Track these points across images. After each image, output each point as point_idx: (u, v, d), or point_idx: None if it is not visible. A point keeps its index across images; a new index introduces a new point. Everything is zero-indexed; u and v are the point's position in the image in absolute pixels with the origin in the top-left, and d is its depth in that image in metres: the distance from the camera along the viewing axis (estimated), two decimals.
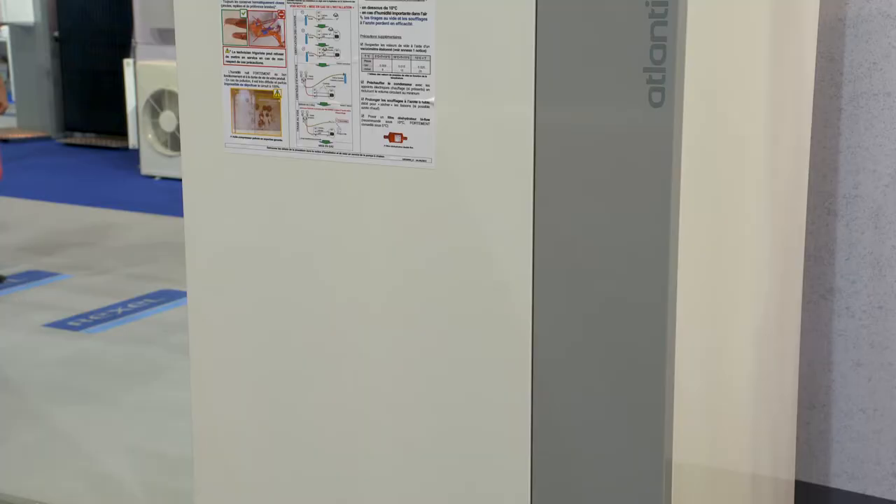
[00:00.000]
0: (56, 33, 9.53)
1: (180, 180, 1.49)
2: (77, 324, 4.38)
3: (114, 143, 8.90)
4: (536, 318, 1.33)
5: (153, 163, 7.31)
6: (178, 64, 1.49)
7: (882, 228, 1.90)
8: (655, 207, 1.25)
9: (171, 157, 7.33)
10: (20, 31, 9.84)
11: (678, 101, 1.22)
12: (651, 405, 1.28)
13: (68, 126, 9.68)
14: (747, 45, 1.48)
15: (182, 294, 4.83)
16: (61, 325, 4.37)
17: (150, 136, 7.41)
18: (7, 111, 5.23)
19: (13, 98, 10.44)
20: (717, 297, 1.46)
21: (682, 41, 1.21)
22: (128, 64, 7.37)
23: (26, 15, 9.66)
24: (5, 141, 9.64)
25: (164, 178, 7.38)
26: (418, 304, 1.39)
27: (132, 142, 8.26)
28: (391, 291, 1.40)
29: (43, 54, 9.66)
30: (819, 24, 1.85)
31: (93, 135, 9.28)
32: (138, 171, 7.75)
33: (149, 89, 6.61)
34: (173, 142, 7.34)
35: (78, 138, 9.43)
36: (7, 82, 6.14)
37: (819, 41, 1.86)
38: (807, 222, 1.95)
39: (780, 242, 1.74)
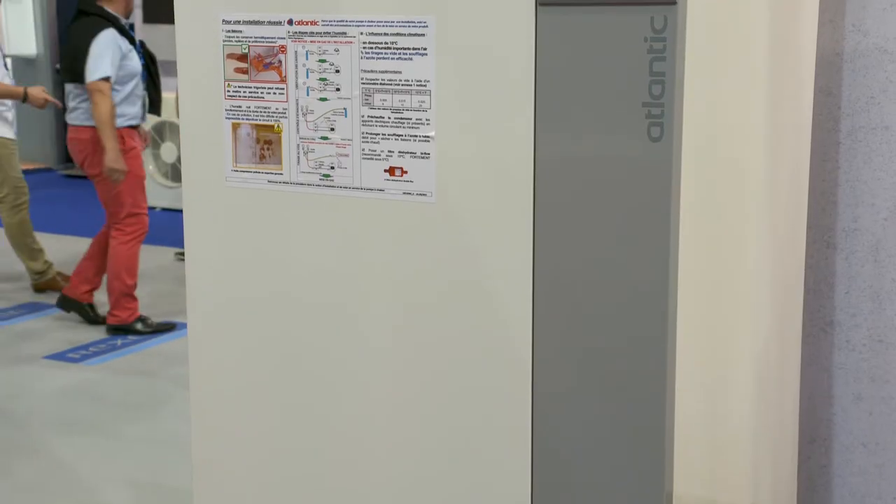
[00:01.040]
0: (58, 65, 9.58)
1: (181, 211, 1.50)
2: (77, 355, 4.37)
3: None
4: (536, 352, 1.33)
5: (154, 194, 7.32)
6: (179, 98, 1.50)
7: (881, 262, 1.91)
8: (655, 241, 1.25)
9: (171, 188, 7.35)
10: (22, 64, 9.90)
11: (677, 136, 1.23)
12: (651, 438, 1.28)
13: (69, 157, 9.70)
14: (745, 80, 1.49)
15: (182, 325, 4.82)
16: (61, 356, 4.36)
17: (151, 167, 7.43)
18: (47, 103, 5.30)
19: (14, 130, 10.46)
20: (717, 330, 1.47)
21: (681, 77, 1.22)
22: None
23: (29, 47, 9.72)
24: None
25: (164, 209, 7.39)
26: (418, 337, 1.39)
27: None
28: (392, 325, 1.41)
29: (45, 86, 9.71)
30: (816, 59, 1.86)
31: None
32: None
33: (150, 121, 6.64)
34: (174, 173, 7.36)
35: (79, 170, 9.45)
36: (9, 113, 6.18)
37: (817, 75, 1.87)
38: (806, 255, 1.95)
39: (780, 275, 1.74)
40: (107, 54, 4.54)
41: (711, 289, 1.42)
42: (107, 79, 4.50)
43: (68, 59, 4.75)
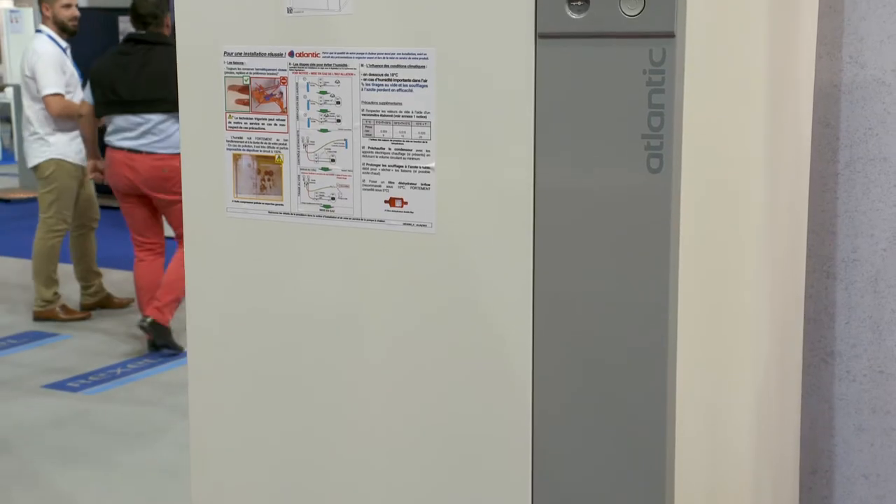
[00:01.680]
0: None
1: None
2: (76, 384, 4.37)
3: (115, 203, 8.95)
4: (536, 383, 1.33)
5: None
6: (181, 129, 1.51)
7: (881, 292, 1.91)
8: (655, 271, 1.25)
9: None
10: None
11: (676, 168, 1.24)
12: (651, 467, 1.28)
13: None
14: (745, 112, 1.50)
15: (182, 354, 4.82)
16: (61, 386, 4.36)
17: None
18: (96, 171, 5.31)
19: (15, 158, 10.51)
20: (716, 360, 1.47)
21: (680, 108, 1.23)
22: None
23: None
24: (7, 201, 9.69)
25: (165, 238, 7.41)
26: (419, 369, 1.39)
27: None
28: (393, 356, 1.41)
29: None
30: (815, 91, 1.87)
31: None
32: None
33: None
34: None
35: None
36: (11, 143, 6.18)
37: (815, 107, 1.89)
38: (806, 285, 1.96)
39: (780, 305, 1.74)
40: None
41: (711, 319, 1.42)
42: None
43: (151, 90, 4.73)
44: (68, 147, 5.38)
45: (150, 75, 4.75)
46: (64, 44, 5.39)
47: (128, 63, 4.83)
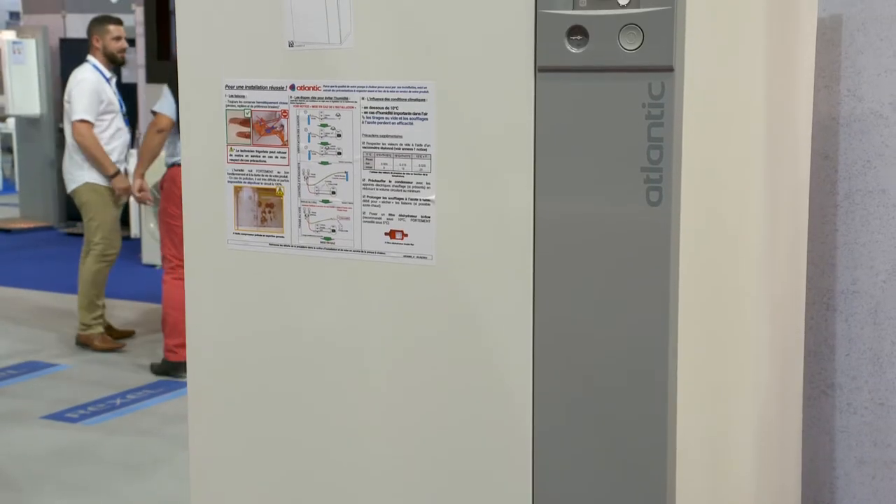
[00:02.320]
0: (61, 124, 9.65)
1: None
2: (75, 415, 4.35)
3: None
4: (537, 412, 1.33)
5: (154, 252, 7.35)
6: (182, 161, 1.51)
7: (881, 324, 1.91)
8: (655, 303, 1.26)
9: None
10: (26, 123, 9.98)
11: (676, 200, 1.24)
12: (652, 497, 1.27)
13: (71, 216, 9.74)
14: (743, 144, 1.51)
15: (181, 385, 4.81)
16: (59, 416, 4.34)
17: (151, 225, 7.47)
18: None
19: (16, 188, 10.53)
20: (716, 391, 1.46)
21: (679, 142, 1.23)
22: (132, 154, 7.47)
23: (33, 107, 9.81)
24: (7, 231, 9.70)
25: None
26: (419, 398, 1.39)
27: (133, 231, 8.32)
28: (392, 387, 1.40)
29: (48, 145, 9.78)
30: (813, 123, 1.88)
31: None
32: (139, 260, 7.78)
33: (151, 179, 6.68)
34: None
35: (80, 227, 9.47)
36: (12, 173, 6.21)
37: (814, 139, 1.89)
38: (806, 317, 1.96)
39: (780, 337, 1.74)
40: None
41: (711, 350, 1.42)
42: None
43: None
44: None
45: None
46: (108, 74, 5.53)
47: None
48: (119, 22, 5.67)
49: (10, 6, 14.67)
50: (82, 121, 5.36)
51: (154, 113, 5.19)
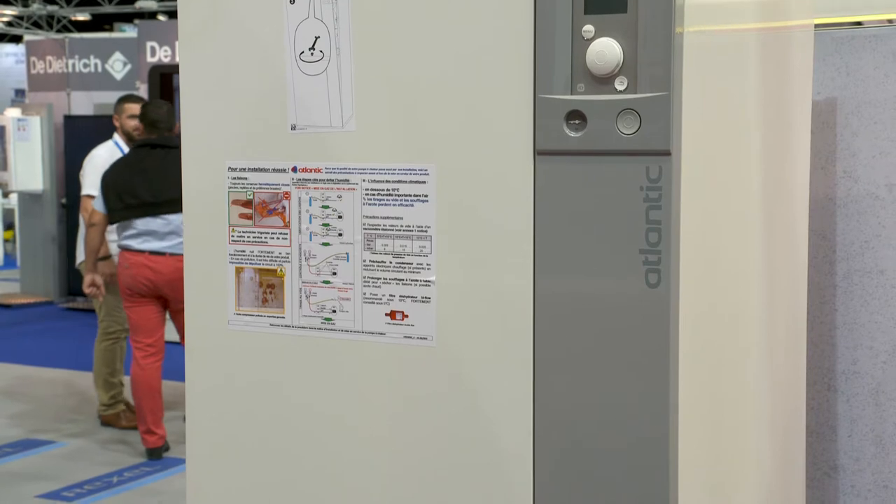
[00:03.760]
0: (64, 200, 9.72)
1: (177, 343, 1.50)
2: (71, 494, 4.31)
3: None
4: (537, 494, 1.32)
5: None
6: (184, 242, 1.53)
7: (882, 405, 1.90)
8: (655, 385, 1.25)
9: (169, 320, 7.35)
10: (28, 199, 10.05)
11: (675, 283, 1.25)
12: None
13: (71, 291, 9.75)
14: (741, 225, 1.52)
15: (179, 461, 4.77)
16: (55, 495, 4.30)
17: None
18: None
19: (17, 263, 10.56)
20: (718, 473, 1.46)
21: (677, 225, 1.24)
22: None
23: (35, 183, 9.88)
24: (7, 306, 9.70)
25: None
26: (419, 481, 1.38)
27: None
28: (392, 468, 1.40)
29: (50, 220, 9.83)
30: (810, 203, 1.90)
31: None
32: None
33: None
34: None
35: (80, 303, 9.48)
36: (14, 248, 6.22)
37: (811, 219, 1.91)
38: (807, 398, 1.95)
39: (781, 417, 1.73)
40: None
41: (712, 433, 1.41)
42: None
43: (174, 191, 4.87)
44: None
45: (173, 176, 4.82)
46: (127, 150, 5.59)
47: (146, 167, 4.95)
48: (138, 100, 5.82)
49: (15, 84, 14.86)
50: (88, 196, 5.42)
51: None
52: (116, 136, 5.77)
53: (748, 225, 1.55)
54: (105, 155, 5.58)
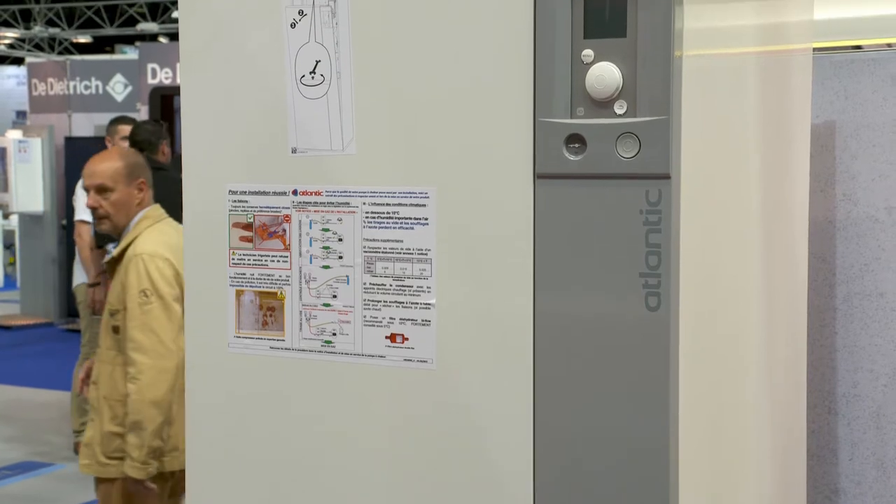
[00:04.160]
0: (64, 221, 9.73)
1: None
2: None
3: None
4: None
5: None
6: (185, 265, 1.53)
7: (883, 428, 1.90)
8: (654, 407, 1.25)
9: None
10: (28, 220, 10.06)
11: (675, 306, 1.25)
12: None
13: (71, 312, 9.74)
14: (741, 248, 1.52)
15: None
16: None
17: None
18: None
19: (18, 284, 10.56)
20: (718, 496, 1.45)
21: (677, 248, 1.25)
22: None
23: (36, 204, 9.90)
24: (7, 328, 9.69)
25: None
26: (420, 503, 1.38)
27: None
28: (392, 492, 1.39)
29: (50, 241, 9.84)
30: (810, 226, 1.90)
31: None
32: None
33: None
34: None
35: (80, 324, 9.46)
36: (14, 269, 6.14)
37: (811, 242, 1.91)
38: (808, 421, 1.95)
39: (782, 441, 1.73)
40: None
41: (712, 455, 1.41)
42: None
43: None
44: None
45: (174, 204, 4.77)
46: None
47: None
48: (130, 122, 5.81)
49: (17, 106, 14.90)
50: (82, 221, 5.39)
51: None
52: None
53: (748, 248, 1.55)
54: None
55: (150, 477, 3.19)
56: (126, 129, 5.67)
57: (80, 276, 5.54)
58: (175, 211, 4.78)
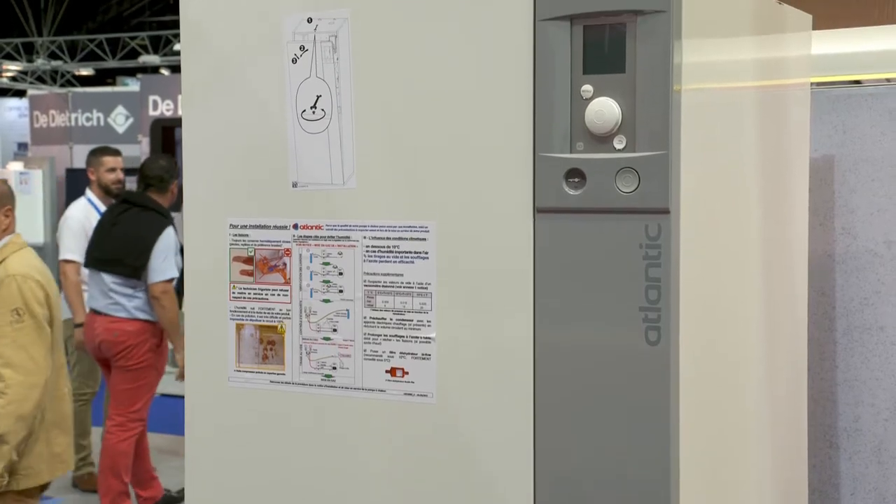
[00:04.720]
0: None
1: (178, 397, 1.50)
2: None
3: None
4: None
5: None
6: (186, 299, 1.53)
7: (885, 463, 1.89)
8: (655, 441, 1.25)
9: (169, 372, 7.32)
10: None
11: (675, 340, 1.25)
12: None
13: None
14: (741, 282, 1.53)
15: None
16: None
17: None
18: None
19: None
20: None
21: (677, 282, 1.25)
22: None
23: (36, 235, 9.88)
24: None
25: (163, 395, 7.34)
26: None
27: None
28: None
29: (52, 274, 9.82)
30: (809, 260, 1.91)
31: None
32: None
33: None
34: (171, 358, 7.32)
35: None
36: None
37: (810, 276, 1.91)
38: (809, 455, 1.94)
39: (783, 474, 1.72)
40: (172, 255, 4.53)
41: (713, 489, 1.40)
42: (171, 280, 4.49)
43: (112, 250, 4.61)
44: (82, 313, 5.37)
45: (115, 235, 4.62)
46: (104, 207, 5.28)
47: (105, 221, 4.75)
48: (116, 153, 5.49)
49: (18, 137, 14.95)
50: (66, 261, 5.18)
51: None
52: (89, 193, 5.42)
53: (748, 282, 1.55)
54: (79, 216, 5.28)
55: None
56: (110, 161, 5.38)
57: (65, 312, 5.42)
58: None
